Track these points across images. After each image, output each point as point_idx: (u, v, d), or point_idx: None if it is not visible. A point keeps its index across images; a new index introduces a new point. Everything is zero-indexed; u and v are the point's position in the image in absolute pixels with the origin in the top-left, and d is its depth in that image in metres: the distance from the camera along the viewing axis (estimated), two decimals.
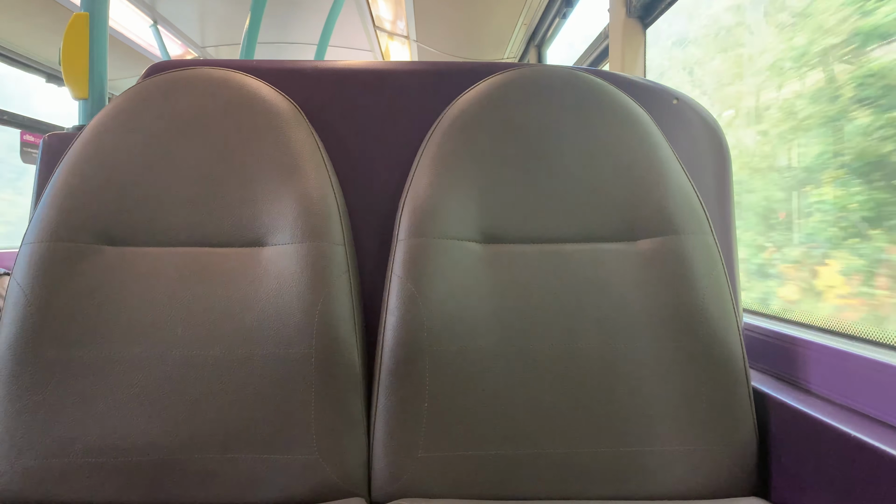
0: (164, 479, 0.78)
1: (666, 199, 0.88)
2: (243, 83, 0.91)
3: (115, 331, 0.81)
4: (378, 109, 1.00)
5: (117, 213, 0.86)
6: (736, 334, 0.85)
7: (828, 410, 0.76)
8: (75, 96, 1.18)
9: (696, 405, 0.82)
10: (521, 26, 3.34)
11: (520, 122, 0.91)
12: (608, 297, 0.86)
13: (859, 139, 1.03)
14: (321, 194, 0.87)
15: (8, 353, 0.80)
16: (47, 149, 0.99)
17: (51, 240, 0.84)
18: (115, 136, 0.88)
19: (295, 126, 0.90)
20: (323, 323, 0.82)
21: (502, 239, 0.89)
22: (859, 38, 1.03)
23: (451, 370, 0.82)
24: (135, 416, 0.79)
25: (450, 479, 0.81)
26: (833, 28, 1.10)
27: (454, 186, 0.88)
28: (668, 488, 0.81)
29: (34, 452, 0.78)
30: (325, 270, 0.84)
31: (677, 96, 1.01)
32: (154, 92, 0.90)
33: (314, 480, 0.80)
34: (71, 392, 0.79)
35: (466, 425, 0.82)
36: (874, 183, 1.00)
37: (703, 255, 0.86)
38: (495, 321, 0.84)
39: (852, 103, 1.05)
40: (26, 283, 0.82)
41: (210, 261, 0.86)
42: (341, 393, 0.82)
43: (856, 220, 1.04)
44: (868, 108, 1.01)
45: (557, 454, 0.81)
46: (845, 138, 1.07)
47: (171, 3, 3.23)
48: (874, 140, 0.99)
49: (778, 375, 0.93)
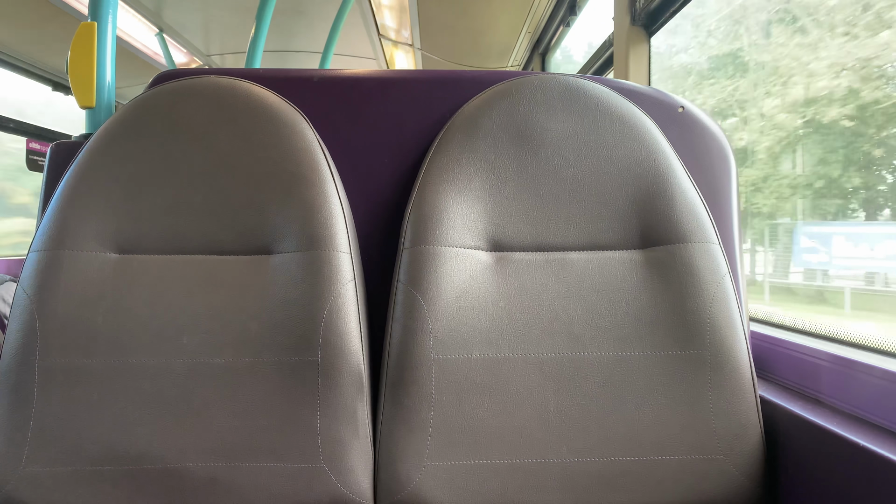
0: (170, 486, 0.78)
1: (672, 207, 0.88)
2: (250, 92, 0.92)
3: (121, 339, 0.81)
4: (383, 117, 1.00)
5: (124, 221, 0.86)
6: (743, 342, 0.84)
7: (836, 420, 0.76)
8: (82, 105, 1.18)
9: (703, 414, 0.82)
10: (525, 34, 3.35)
11: (525, 130, 0.91)
12: (614, 305, 0.85)
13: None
14: (327, 202, 0.87)
15: (15, 361, 0.80)
16: (54, 157, 1.00)
17: (57, 248, 0.84)
18: (122, 144, 0.89)
19: (301, 134, 0.90)
20: (328, 331, 0.82)
21: (508, 247, 0.89)
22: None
23: (457, 378, 0.82)
24: (141, 423, 0.79)
25: (456, 488, 0.81)
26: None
27: (460, 194, 0.88)
28: (675, 497, 0.81)
29: (41, 460, 0.78)
30: (331, 279, 0.84)
31: (682, 104, 1.01)
32: (161, 101, 0.91)
33: (320, 489, 0.79)
34: (77, 400, 0.80)
35: (472, 434, 0.81)
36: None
37: (710, 264, 0.86)
38: (501, 329, 0.84)
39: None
40: (33, 291, 0.82)
41: (216, 269, 0.86)
42: (347, 401, 0.82)
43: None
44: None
45: (564, 463, 0.81)
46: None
47: (177, 12, 3.25)
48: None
49: (785, 384, 0.93)
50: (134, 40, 3.47)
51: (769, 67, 1.36)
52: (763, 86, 1.39)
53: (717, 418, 0.82)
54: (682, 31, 1.46)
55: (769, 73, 1.37)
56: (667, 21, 1.66)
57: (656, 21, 1.69)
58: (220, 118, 0.90)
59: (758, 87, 1.40)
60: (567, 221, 0.89)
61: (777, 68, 1.32)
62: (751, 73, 1.44)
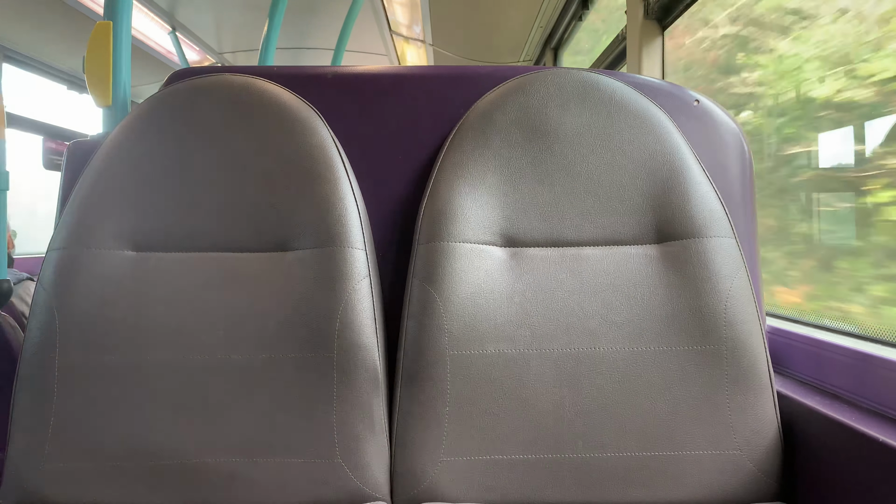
0: (189, 482, 0.79)
1: (688, 201, 0.88)
2: (264, 89, 0.92)
3: (139, 336, 0.82)
4: (397, 114, 1.00)
5: (141, 219, 0.87)
6: (759, 337, 0.84)
7: (854, 414, 0.75)
8: (99, 104, 1.19)
9: (720, 408, 0.82)
10: (536, 29, 3.34)
11: (539, 125, 0.91)
12: (630, 300, 0.85)
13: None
14: (342, 199, 0.88)
15: (34, 359, 0.81)
16: (72, 156, 1.01)
17: (76, 246, 0.85)
18: (138, 142, 0.89)
19: (315, 131, 0.91)
20: (344, 327, 0.82)
21: (523, 242, 0.89)
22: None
23: (473, 374, 0.82)
24: (159, 420, 0.80)
25: (472, 483, 0.81)
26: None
27: (474, 190, 0.88)
28: (691, 492, 0.80)
29: (61, 456, 0.79)
30: (346, 275, 0.84)
31: (698, 98, 1.00)
32: (177, 99, 0.91)
33: (337, 484, 0.80)
34: (96, 397, 0.80)
35: (488, 429, 0.81)
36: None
37: (726, 259, 0.85)
38: (516, 324, 0.84)
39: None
40: (52, 289, 0.83)
41: (232, 266, 0.86)
42: (363, 397, 0.82)
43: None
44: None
45: (580, 458, 0.81)
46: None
47: (190, 11, 3.26)
48: None
49: (802, 379, 0.92)
50: (147, 39, 3.49)
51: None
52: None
53: (734, 413, 0.81)
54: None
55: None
56: (680, 14, 1.64)
57: (669, 14, 1.67)
58: (235, 116, 0.90)
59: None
60: (582, 216, 0.89)
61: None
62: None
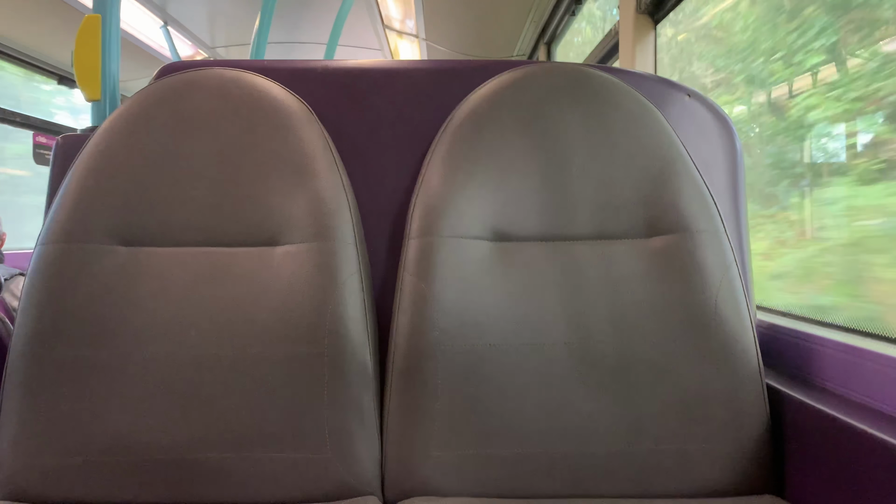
0: (179, 477, 0.79)
1: (678, 196, 0.88)
2: (255, 83, 0.92)
3: (128, 331, 0.82)
4: (388, 108, 1.00)
5: (130, 213, 0.87)
6: (749, 331, 0.84)
7: (843, 407, 0.76)
8: (88, 98, 1.18)
9: (710, 402, 0.82)
10: (530, 24, 3.33)
11: (530, 119, 0.91)
12: (620, 294, 0.85)
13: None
14: (332, 194, 0.87)
15: (24, 353, 0.81)
16: (60, 150, 1.00)
17: (65, 241, 0.84)
18: (128, 136, 0.89)
19: (306, 126, 0.90)
20: (335, 322, 0.82)
21: (514, 237, 0.89)
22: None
23: (463, 368, 0.82)
24: (150, 415, 0.80)
25: (463, 478, 0.81)
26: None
27: (465, 185, 0.88)
28: (682, 485, 0.81)
29: (52, 451, 0.79)
30: (337, 270, 0.84)
31: (689, 92, 1.00)
32: (167, 93, 0.91)
33: (327, 479, 0.80)
34: (86, 392, 0.80)
35: (479, 423, 0.82)
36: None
37: (716, 253, 0.86)
38: (507, 319, 0.84)
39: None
40: (41, 284, 0.83)
41: (222, 261, 0.86)
42: (354, 392, 0.82)
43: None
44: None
45: (571, 452, 0.81)
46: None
47: (182, 4, 3.24)
48: None
49: (792, 373, 0.93)
50: (138, 33, 3.47)
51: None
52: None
53: (725, 406, 0.82)
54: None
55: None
56: (672, 8, 1.64)
57: (662, 8, 1.67)
58: (226, 110, 0.90)
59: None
60: (573, 211, 0.89)
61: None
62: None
